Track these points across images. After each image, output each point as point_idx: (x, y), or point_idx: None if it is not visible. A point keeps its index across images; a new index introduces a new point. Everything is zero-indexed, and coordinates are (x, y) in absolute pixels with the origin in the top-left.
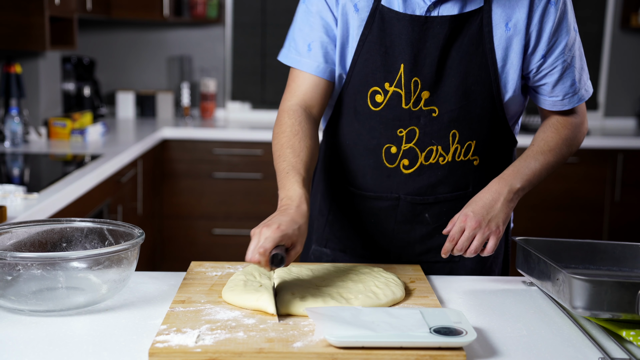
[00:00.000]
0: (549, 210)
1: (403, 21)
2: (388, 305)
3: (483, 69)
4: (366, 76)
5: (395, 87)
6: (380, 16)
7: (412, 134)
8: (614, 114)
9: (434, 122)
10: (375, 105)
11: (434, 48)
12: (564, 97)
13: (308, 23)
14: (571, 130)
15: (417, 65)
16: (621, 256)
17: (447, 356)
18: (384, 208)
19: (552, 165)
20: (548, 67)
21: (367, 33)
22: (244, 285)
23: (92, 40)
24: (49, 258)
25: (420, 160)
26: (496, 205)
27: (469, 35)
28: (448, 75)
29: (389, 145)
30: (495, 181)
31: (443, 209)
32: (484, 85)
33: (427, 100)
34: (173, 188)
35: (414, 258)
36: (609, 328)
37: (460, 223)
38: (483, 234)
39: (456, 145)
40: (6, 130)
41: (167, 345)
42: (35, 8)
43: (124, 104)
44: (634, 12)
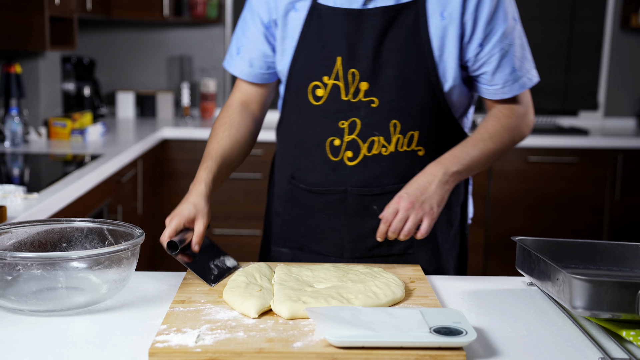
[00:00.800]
0: (549, 210)
1: (339, 15)
2: (388, 305)
3: (420, 59)
4: (306, 72)
5: (334, 79)
6: (318, 13)
7: (354, 126)
8: (613, 114)
9: (374, 112)
10: (316, 100)
11: (370, 39)
12: (504, 85)
13: (241, 28)
14: (514, 119)
15: (354, 57)
16: (621, 256)
17: (447, 356)
18: (333, 202)
19: (493, 152)
20: (485, 55)
21: (305, 31)
22: (245, 287)
23: (92, 40)
24: (49, 258)
25: (363, 151)
26: (430, 187)
27: (405, 26)
28: (385, 65)
29: (333, 138)
30: (431, 165)
31: (390, 199)
32: (422, 75)
33: (367, 91)
34: (173, 188)
35: (367, 252)
36: (609, 328)
37: (394, 204)
38: (416, 215)
39: (398, 135)
40: (6, 130)
41: (167, 345)
42: (35, 8)
43: (124, 104)
44: (634, 12)
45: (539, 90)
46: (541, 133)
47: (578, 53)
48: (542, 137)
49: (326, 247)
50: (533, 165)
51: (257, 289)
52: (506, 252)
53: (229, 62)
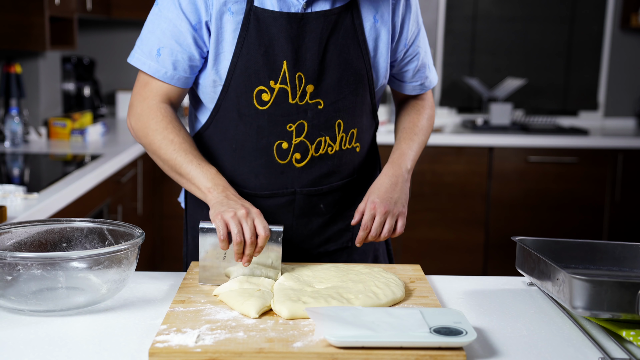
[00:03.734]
0: (549, 210)
1: (280, 19)
2: (388, 305)
3: (359, 60)
4: (249, 77)
5: (281, 83)
6: (256, 17)
7: (301, 128)
8: (613, 114)
9: (321, 114)
10: (262, 104)
11: (313, 43)
12: (423, 81)
13: (160, 27)
14: (429, 108)
15: (299, 61)
16: (621, 256)
17: (447, 356)
18: (281, 204)
19: (424, 143)
20: (410, 54)
21: (244, 35)
22: (243, 288)
23: (92, 40)
24: (49, 258)
25: (311, 152)
26: (397, 188)
27: (344, 29)
28: (329, 67)
29: (280, 141)
30: (388, 166)
31: (335, 197)
32: (361, 75)
33: (312, 94)
34: (173, 188)
35: (313, 249)
36: (609, 328)
37: (370, 211)
38: (393, 217)
39: (342, 134)
40: (6, 130)
41: (167, 345)
42: (35, 8)
43: (124, 104)
44: (634, 12)
45: (539, 90)
46: (541, 133)
47: (578, 53)
48: (542, 137)
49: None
50: (533, 165)
51: (255, 289)
52: (506, 252)
53: (144, 62)
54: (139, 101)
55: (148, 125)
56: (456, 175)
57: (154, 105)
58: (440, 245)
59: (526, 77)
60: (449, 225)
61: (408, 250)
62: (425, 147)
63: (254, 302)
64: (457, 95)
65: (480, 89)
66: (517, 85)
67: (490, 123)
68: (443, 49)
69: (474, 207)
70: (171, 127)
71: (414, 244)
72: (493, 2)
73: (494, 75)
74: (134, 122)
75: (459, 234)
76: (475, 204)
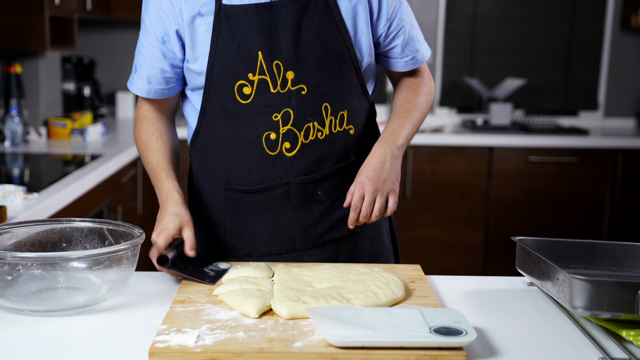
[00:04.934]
0: (549, 210)
1: (249, 12)
2: (388, 305)
3: (339, 41)
4: (227, 74)
5: (259, 74)
6: (226, 14)
7: (287, 116)
8: (613, 114)
9: (305, 99)
10: (244, 98)
11: (286, 29)
12: (414, 56)
13: (141, 44)
14: (425, 84)
15: (274, 49)
16: (621, 256)
17: (447, 356)
18: (278, 197)
19: (419, 120)
20: (395, 29)
21: (217, 34)
22: (243, 288)
23: (92, 40)
24: (49, 258)
25: (300, 139)
26: (386, 166)
27: (318, 11)
28: (307, 52)
29: (268, 132)
30: (377, 145)
31: (332, 182)
32: (342, 55)
33: (294, 80)
34: None
35: (318, 239)
36: (609, 328)
37: (359, 191)
38: (382, 196)
39: (330, 117)
40: (6, 130)
41: (167, 345)
42: (35, 8)
43: (124, 104)
44: (634, 12)
45: (539, 90)
46: (541, 133)
47: (578, 53)
48: (542, 137)
49: (276, 245)
50: (533, 165)
51: (255, 289)
52: (506, 252)
53: (130, 81)
54: (137, 109)
55: (136, 133)
56: (456, 175)
57: (140, 114)
58: (440, 245)
59: (526, 77)
60: (449, 225)
61: (408, 250)
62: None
63: (254, 302)
64: (457, 95)
65: (480, 89)
66: (517, 85)
67: (490, 123)
68: (443, 49)
69: (474, 207)
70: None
71: (414, 244)
72: (493, 2)
73: (494, 75)
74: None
75: (459, 234)
76: (475, 204)
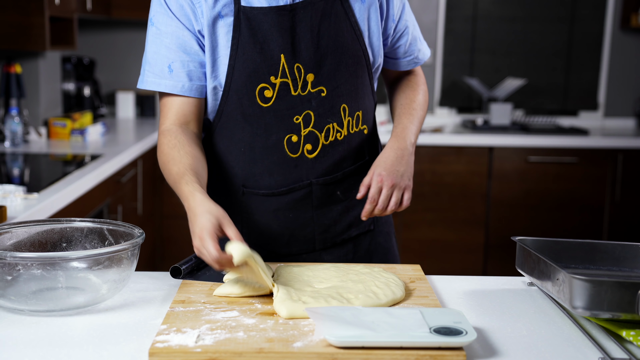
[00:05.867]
0: (549, 210)
1: (270, 14)
2: (388, 305)
3: (354, 42)
4: (249, 76)
5: (281, 77)
6: (245, 16)
7: (308, 118)
8: (613, 114)
9: (325, 101)
10: (265, 102)
11: (306, 31)
12: (417, 54)
13: (163, 44)
14: (422, 84)
15: (296, 51)
16: (621, 256)
17: (447, 356)
18: (299, 198)
19: (423, 117)
20: (401, 28)
21: (237, 36)
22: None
23: (92, 40)
24: (49, 258)
25: (321, 141)
26: (403, 161)
27: (334, 14)
28: (326, 54)
29: (290, 135)
30: (392, 140)
31: (350, 182)
32: (358, 57)
33: (314, 82)
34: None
35: (337, 237)
36: (609, 328)
37: (377, 184)
38: (399, 190)
39: (348, 118)
40: (6, 130)
41: (167, 345)
42: (35, 8)
43: (124, 104)
44: (634, 12)
45: (539, 90)
46: (541, 133)
47: (578, 53)
48: (542, 137)
49: (297, 245)
50: (533, 165)
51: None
52: (506, 252)
53: (158, 82)
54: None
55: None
56: (456, 175)
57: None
58: (440, 245)
59: (526, 77)
60: (449, 225)
61: (408, 250)
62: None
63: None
64: (457, 95)
65: (480, 89)
66: (517, 85)
67: (490, 123)
68: (443, 49)
69: (474, 207)
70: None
71: (414, 244)
72: (493, 2)
73: (494, 75)
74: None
75: (459, 234)
76: (475, 204)
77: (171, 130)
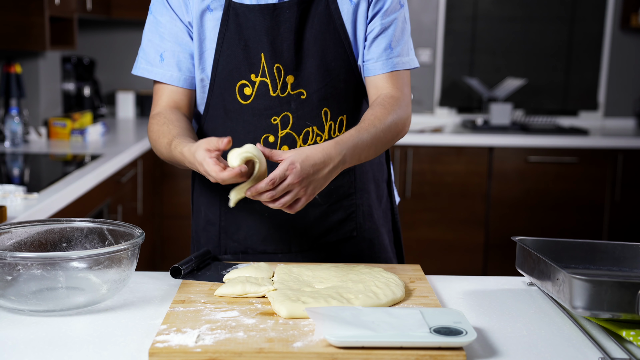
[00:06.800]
0: (549, 210)
1: (255, 12)
2: (388, 305)
3: (338, 45)
4: (231, 72)
5: (261, 76)
6: (234, 12)
7: (287, 120)
8: (613, 114)
9: (305, 104)
10: (244, 99)
11: (288, 32)
12: (377, 59)
13: (158, 33)
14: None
15: (276, 52)
16: (621, 256)
17: (447, 356)
18: None
19: (381, 141)
20: (369, 29)
21: (224, 31)
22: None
23: (92, 40)
24: (49, 258)
25: (299, 143)
26: (323, 170)
27: (318, 15)
28: (307, 56)
29: (266, 135)
30: (331, 145)
31: (330, 186)
32: (342, 60)
33: (293, 84)
34: (173, 188)
35: (314, 242)
36: (609, 328)
37: (283, 171)
38: (296, 194)
39: (330, 122)
40: (6, 130)
41: (167, 345)
42: (35, 8)
43: (124, 104)
44: (634, 12)
45: (539, 90)
46: (541, 133)
47: (578, 53)
48: (542, 137)
49: (272, 245)
50: (533, 165)
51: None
52: (506, 252)
53: (150, 70)
54: (152, 110)
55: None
56: (456, 175)
57: (157, 112)
58: (440, 245)
59: (526, 77)
60: (449, 225)
61: (408, 250)
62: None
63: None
64: (457, 95)
65: (480, 89)
66: (517, 85)
67: (490, 123)
68: (443, 49)
69: (474, 207)
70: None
71: (414, 244)
72: (493, 2)
73: (494, 75)
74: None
75: (459, 234)
76: (475, 204)
77: (161, 112)
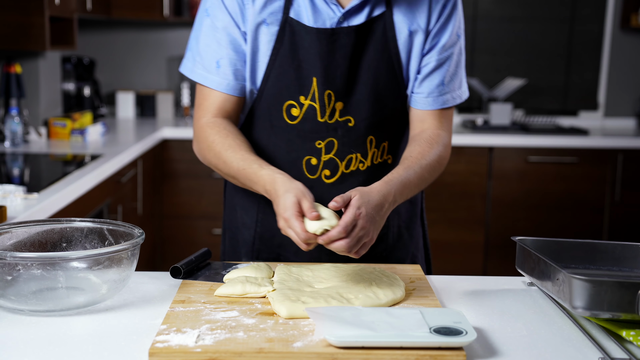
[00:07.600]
0: (549, 210)
1: (311, 34)
2: (388, 305)
3: (390, 73)
4: (280, 90)
5: (310, 100)
6: (291, 29)
7: (331, 145)
8: (613, 114)
9: (351, 131)
10: (291, 119)
11: (343, 59)
12: (428, 95)
13: (215, 39)
14: (442, 146)
15: (329, 78)
16: (621, 256)
17: (447, 356)
18: None
19: (425, 180)
20: (424, 62)
21: (278, 47)
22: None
23: (92, 40)
24: (49, 258)
25: (341, 169)
26: (382, 211)
27: (374, 42)
28: (359, 83)
29: (309, 157)
30: (383, 185)
31: None
32: (392, 88)
33: (342, 111)
34: (173, 188)
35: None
36: (609, 328)
37: (354, 217)
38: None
39: (373, 149)
40: (6, 130)
41: (167, 345)
42: (35, 8)
43: (124, 104)
44: (634, 12)
45: (539, 90)
46: (541, 133)
47: (578, 53)
48: (542, 137)
49: (304, 259)
50: (533, 165)
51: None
52: (506, 252)
53: (206, 76)
54: (195, 122)
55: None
56: (456, 175)
57: (204, 123)
58: (440, 245)
59: (526, 77)
60: (449, 225)
61: None
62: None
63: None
64: None
65: (480, 89)
66: (517, 85)
67: (490, 123)
68: None
69: (474, 207)
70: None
71: None
72: (493, 2)
73: (494, 75)
74: (195, 146)
75: (459, 234)
76: (475, 204)
77: (217, 122)
